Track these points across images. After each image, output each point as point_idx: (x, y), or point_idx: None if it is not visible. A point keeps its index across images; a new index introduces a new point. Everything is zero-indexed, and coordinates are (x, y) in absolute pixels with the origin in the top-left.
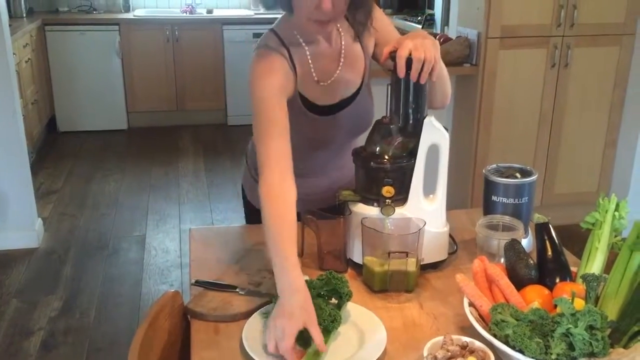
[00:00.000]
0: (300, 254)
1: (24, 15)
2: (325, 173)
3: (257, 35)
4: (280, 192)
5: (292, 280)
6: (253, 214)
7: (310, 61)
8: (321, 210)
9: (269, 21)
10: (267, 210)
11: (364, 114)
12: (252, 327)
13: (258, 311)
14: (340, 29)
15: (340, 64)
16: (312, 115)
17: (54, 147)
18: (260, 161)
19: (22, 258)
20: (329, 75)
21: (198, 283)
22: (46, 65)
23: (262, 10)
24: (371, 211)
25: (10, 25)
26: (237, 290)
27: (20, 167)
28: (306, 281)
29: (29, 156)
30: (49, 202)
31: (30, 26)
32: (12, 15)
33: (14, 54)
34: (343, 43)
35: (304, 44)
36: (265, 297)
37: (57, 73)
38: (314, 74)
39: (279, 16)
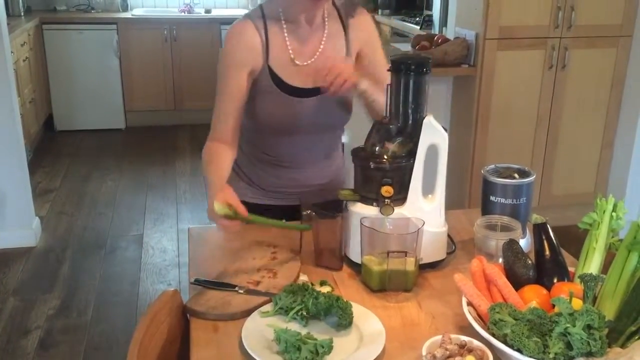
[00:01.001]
0: (299, 251)
1: (22, 13)
2: (298, 167)
3: None
4: (219, 149)
5: (216, 183)
6: None
7: (287, 38)
8: (318, 207)
9: None
10: (205, 156)
11: (335, 109)
12: (251, 325)
13: (257, 310)
14: (326, 18)
15: (319, 51)
16: (279, 92)
17: (51, 146)
18: (211, 126)
19: (20, 257)
20: (305, 57)
21: (197, 282)
22: (44, 64)
23: None
24: (370, 211)
25: (8, 24)
26: (236, 289)
27: (17, 166)
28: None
29: (27, 155)
30: (47, 201)
31: (28, 25)
32: (10, 13)
33: (11, 52)
34: (326, 32)
35: (283, 21)
36: (265, 296)
37: (54, 72)
38: (290, 52)
39: None
